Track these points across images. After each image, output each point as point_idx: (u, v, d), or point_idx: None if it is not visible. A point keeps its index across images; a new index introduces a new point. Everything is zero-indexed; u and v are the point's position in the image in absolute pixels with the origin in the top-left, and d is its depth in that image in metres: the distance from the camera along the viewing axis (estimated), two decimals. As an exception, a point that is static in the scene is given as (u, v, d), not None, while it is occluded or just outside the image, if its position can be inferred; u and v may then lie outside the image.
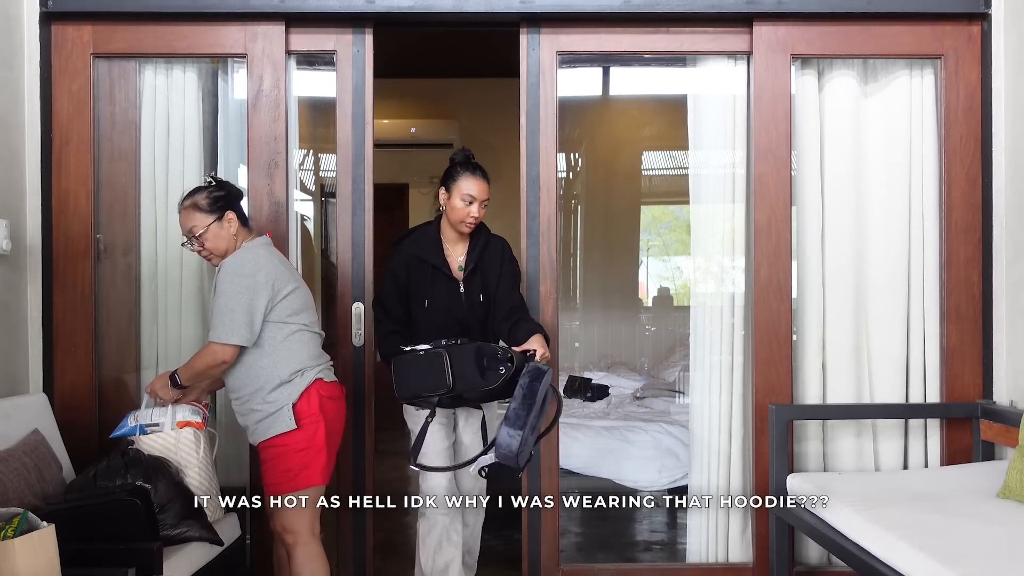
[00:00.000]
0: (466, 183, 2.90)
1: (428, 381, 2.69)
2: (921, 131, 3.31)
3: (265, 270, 2.63)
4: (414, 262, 2.96)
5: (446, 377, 2.66)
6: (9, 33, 3.05)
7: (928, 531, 2.34)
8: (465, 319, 2.94)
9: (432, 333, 2.85)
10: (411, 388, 2.72)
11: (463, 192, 2.90)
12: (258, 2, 3.17)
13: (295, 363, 2.65)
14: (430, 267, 2.96)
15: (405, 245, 3.00)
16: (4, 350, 2.97)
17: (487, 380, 2.65)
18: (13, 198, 3.05)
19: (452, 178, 2.92)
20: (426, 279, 2.95)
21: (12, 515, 2.07)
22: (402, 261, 2.97)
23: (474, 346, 2.71)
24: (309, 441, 2.63)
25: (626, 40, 3.29)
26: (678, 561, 3.68)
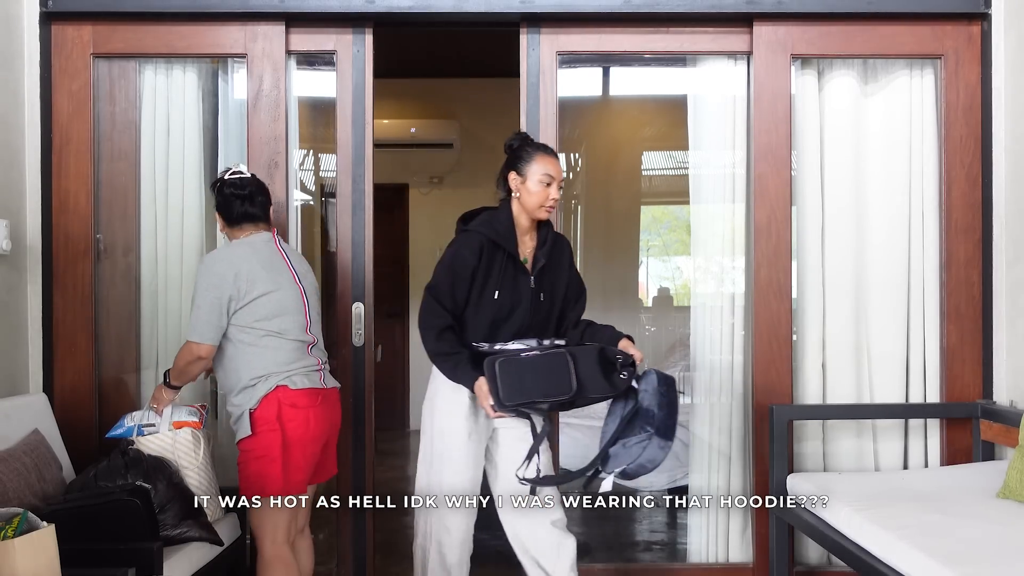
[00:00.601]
0: (543, 162, 2.63)
1: (547, 385, 2.44)
2: (921, 131, 3.31)
3: (234, 269, 2.60)
4: (489, 246, 2.61)
5: (570, 381, 2.43)
6: (9, 33, 3.05)
7: (928, 531, 2.34)
8: (529, 320, 2.65)
9: (487, 333, 2.60)
10: (524, 393, 2.44)
11: (541, 172, 2.62)
12: (258, 2, 3.17)
13: (258, 368, 2.61)
14: (506, 255, 2.63)
15: (478, 225, 2.65)
16: (4, 350, 2.97)
17: (613, 385, 2.47)
18: (13, 198, 3.05)
19: (524, 159, 2.65)
20: (498, 268, 2.62)
21: (12, 515, 2.07)
22: (475, 243, 2.60)
23: (596, 348, 2.51)
24: (265, 450, 2.58)
25: (626, 40, 3.29)
26: (678, 561, 3.68)
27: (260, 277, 2.62)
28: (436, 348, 2.59)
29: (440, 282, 2.61)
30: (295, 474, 2.61)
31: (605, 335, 2.67)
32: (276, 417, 2.58)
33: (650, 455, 2.45)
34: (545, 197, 2.63)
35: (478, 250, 2.59)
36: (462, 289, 2.59)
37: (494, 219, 2.66)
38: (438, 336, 2.58)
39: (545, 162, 2.64)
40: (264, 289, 2.62)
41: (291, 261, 2.74)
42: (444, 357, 2.59)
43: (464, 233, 2.65)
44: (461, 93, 6.74)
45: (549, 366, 2.45)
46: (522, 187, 2.64)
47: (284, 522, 2.66)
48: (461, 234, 2.67)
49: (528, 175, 2.63)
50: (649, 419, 2.49)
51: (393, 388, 7.01)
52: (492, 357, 2.48)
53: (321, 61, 3.36)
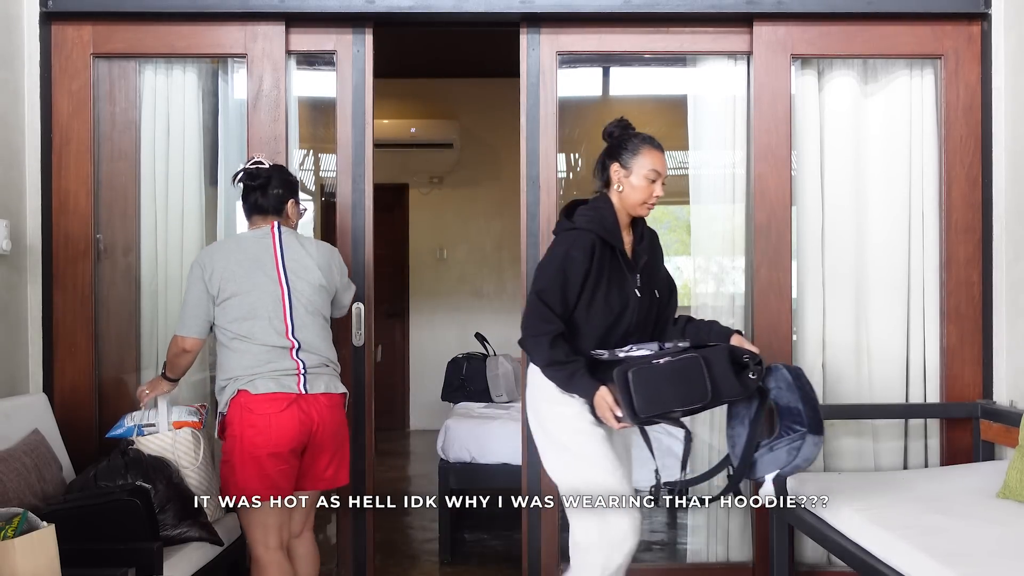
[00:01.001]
0: (651, 157, 2.49)
1: (684, 393, 2.30)
2: (921, 131, 3.31)
3: (210, 267, 2.59)
4: (600, 245, 2.44)
5: (706, 387, 2.29)
6: (9, 33, 3.05)
7: (928, 531, 2.34)
8: (635, 321, 2.50)
9: (600, 338, 2.45)
10: (661, 403, 2.29)
11: (648, 167, 2.48)
12: (258, 2, 3.17)
13: (227, 370, 2.59)
14: (616, 253, 2.48)
15: (586, 222, 2.46)
16: (4, 350, 2.97)
17: (744, 386, 2.34)
18: (13, 198, 3.05)
19: (630, 151, 2.51)
20: (608, 268, 2.46)
21: (12, 515, 2.07)
22: (587, 242, 2.43)
23: (724, 348, 2.37)
24: (228, 454, 2.57)
25: (626, 40, 3.29)
26: (678, 561, 3.68)
27: (234, 277, 2.57)
28: (550, 357, 2.40)
29: (549, 285, 2.42)
30: (250, 481, 2.52)
31: (713, 331, 2.54)
32: (237, 421, 2.54)
33: (806, 454, 2.35)
34: (649, 194, 2.50)
35: (590, 250, 2.43)
36: (573, 292, 2.43)
37: (600, 214, 2.48)
38: (552, 344, 2.39)
39: (652, 156, 2.50)
40: (235, 290, 2.57)
41: (285, 258, 2.61)
42: (559, 366, 2.40)
43: (573, 232, 2.46)
44: (461, 93, 6.74)
45: (685, 372, 2.29)
46: (625, 181, 2.50)
47: (272, 526, 2.61)
48: (569, 233, 2.47)
49: (633, 169, 2.50)
50: (795, 417, 2.38)
51: (393, 388, 7.01)
52: (623, 366, 2.29)
53: (321, 61, 3.36)
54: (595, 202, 2.54)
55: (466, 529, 4.28)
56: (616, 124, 2.61)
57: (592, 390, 2.37)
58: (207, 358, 3.37)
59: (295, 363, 2.57)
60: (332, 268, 2.71)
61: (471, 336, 5.22)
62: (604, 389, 2.35)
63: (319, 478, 2.66)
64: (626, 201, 2.51)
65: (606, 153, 2.57)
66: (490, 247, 7.02)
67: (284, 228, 2.67)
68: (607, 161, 2.55)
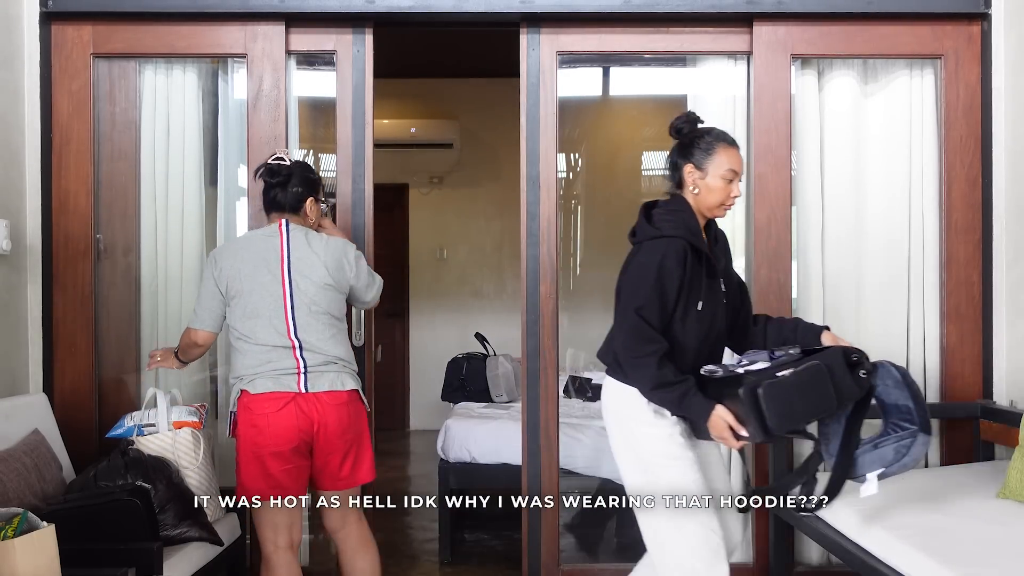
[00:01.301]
0: (727, 155, 2.36)
1: (814, 404, 2.18)
2: (921, 131, 3.31)
3: (219, 264, 2.63)
4: (690, 252, 2.31)
5: (832, 395, 2.18)
6: (9, 33, 3.05)
7: (928, 531, 2.33)
8: (721, 330, 2.40)
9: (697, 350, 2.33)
10: (794, 418, 2.17)
11: (725, 167, 2.35)
12: (258, 2, 3.17)
13: (234, 370, 2.63)
14: (704, 259, 2.35)
15: (672, 228, 2.32)
16: (4, 350, 2.97)
17: (860, 387, 2.24)
18: (13, 198, 3.05)
19: (705, 150, 2.37)
20: (697, 275, 2.32)
21: (12, 515, 2.07)
22: (679, 249, 2.28)
23: (838, 350, 2.24)
24: (236, 453, 2.61)
25: (626, 40, 3.29)
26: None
27: (239, 275, 2.59)
28: (660, 378, 2.23)
29: (647, 301, 2.25)
30: (255, 480, 2.55)
31: (801, 330, 2.45)
32: (240, 420, 2.58)
33: (915, 454, 2.27)
34: (727, 195, 2.37)
35: (683, 257, 2.28)
36: (670, 305, 2.28)
37: (682, 218, 2.35)
38: (660, 363, 2.23)
39: (729, 155, 2.37)
40: (239, 289, 2.58)
41: (291, 257, 2.59)
42: (669, 388, 2.24)
43: (661, 239, 2.30)
44: (461, 93, 6.74)
45: (812, 382, 2.16)
46: (701, 183, 2.37)
47: (282, 525, 2.61)
48: (657, 241, 2.30)
49: (709, 170, 2.36)
50: (904, 415, 2.30)
51: (393, 388, 7.01)
52: (750, 383, 2.13)
53: (321, 61, 3.36)
54: (673, 204, 2.40)
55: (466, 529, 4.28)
56: (684, 119, 2.44)
57: (707, 410, 2.21)
58: (207, 358, 3.37)
59: (296, 362, 2.56)
60: (343, 266, 2.66)
61: (471, 336, 5.22)
62: (722, 408, 2.20)
63: (335, 477, 2.64)
64: (702, 203, 2.38)
65: (677, 152, 2.42)
66: (490, 247, 7.02)
67: (293, 226, 2.65)
68: (679, 161, 2.41)
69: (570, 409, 4.44)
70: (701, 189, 2.37)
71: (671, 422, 2.32)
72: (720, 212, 2.40)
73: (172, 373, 3.30)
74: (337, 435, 2.59)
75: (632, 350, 2.27)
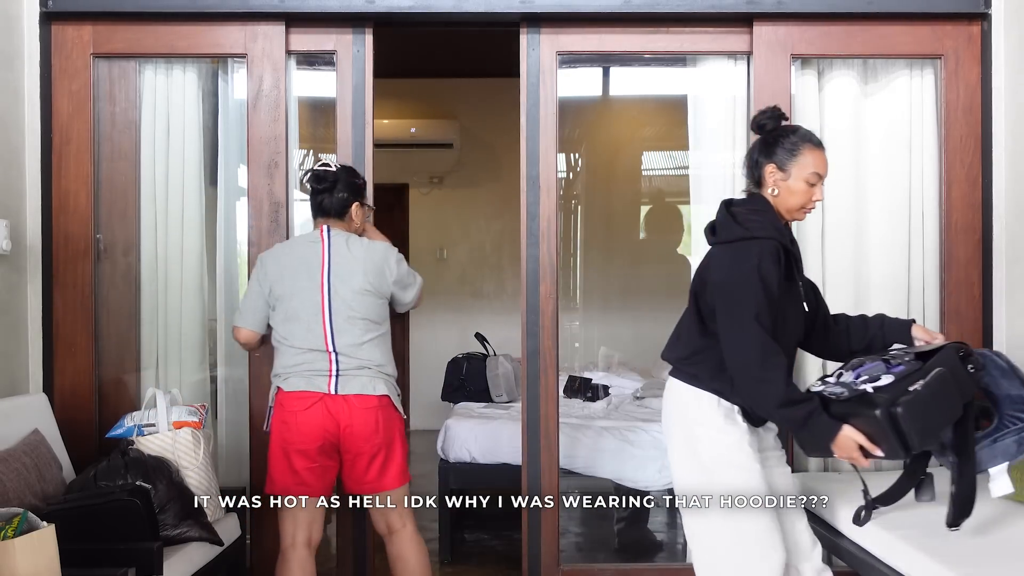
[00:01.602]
0: (812, 157, 2.25)
1: (947, 413, 2.10)
2: (921, 131, 3.31)
3: (265, 267, 2.72)
4: (783, 253, 2.21)
5: (958, 400, 2.10)
6: (9, 33, 3.05)
7: (928, 531, 2.33)
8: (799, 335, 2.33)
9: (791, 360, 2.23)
10: (933, 432, 2.10)
11: (809, 171, 2.24)
12: (258, 2, 3.17)
13: (273, 369, 2.74)
14: (793, 261, 2.27)
15: (763, 228, 2.20)
16: (4, 350, 2.97)
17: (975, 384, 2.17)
18: (13, 198, 3.05)
19: (789, 151, 2.26)
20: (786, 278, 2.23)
21: (12, 515, 2.07)
22: (774, 251, 2.18)
23: (952, 348, 2.16)
24: (269, 447, 2.68)
25: (626, 40, 3.28)
26: (678, 561, 3.68)
27: (282, 279, 2.68)
28: (787, 395, 2.10)
29: (760, 306, 2.11)
30: (281, 475, 2.63)
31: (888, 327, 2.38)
32: (275, 417, 2.67)
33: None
34: (809, 198, 2.27)
35: (777, 259, 2.17)
36: (774, 311, 2.15)
37: (769, 218, 2.25)
38: (788, 379, 2.11)
39: (814, 157, 2.26)
40: (281, 293, 2.68)
41: (331, 263, 2.65)
42: (795, 406, 2.10)
43: (753, 241, 2.18)
44: (461, 93, 6.74)
45: (941, 391, 2.06)
46: (782, 184, 2.27)
47: (302, 521, 2.66)
48: (750, 243, 2.18)
49: (791, 172, 2.26)
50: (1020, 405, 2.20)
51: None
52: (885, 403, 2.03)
53: (321, 61, 3.36)
54: (756, 204, 2.29)
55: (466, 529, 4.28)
56: (769, 115, 2.33)
57: (835, 431, 2.09)
58: (207, 358, 3.38)
59: (329, 365, 2.63)
60: (382, 271, 2.71)
61: (471, 336, 5.22)
62: (850, 428, 2.08)
63: (360, 481, 2.69)
64: (781, 205, 2.29)
65: (759, 151, 2.32)
66: (490, 247, 7.02)
67: (335, 232, 2.71)
68: (760, 159, 2.30)
69: (570, 409, 4.45)
70: (781, 191, 2.27)
71: (742, 430, 2.25)
72: (800, 216, 2.32)
73: (172, 373, 3.31)
74: (363, 438, 2.63)
75: (758, 364, 2.11)
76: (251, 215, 3.22)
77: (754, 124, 2.36)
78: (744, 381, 2.16)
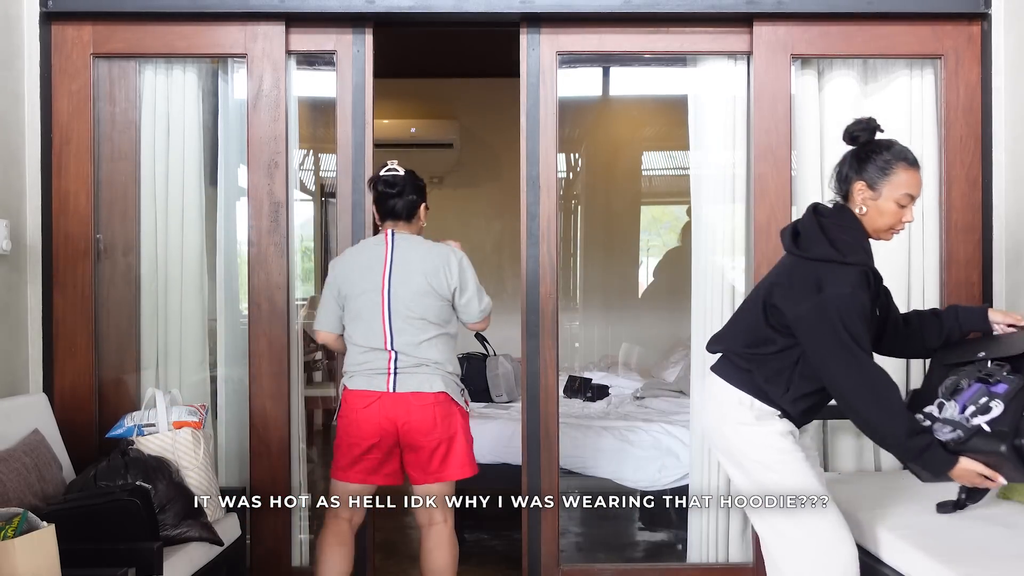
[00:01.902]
0: (908, 179, 2.16)
1: None
2: (921, 131, 3.31)
3: (335, 270, 2.84)
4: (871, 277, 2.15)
5: None
6: (9, 33, 3.05)
7: (928, 531, 2.34)
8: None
9: None
10: None
11: (903, 192, 2.15)
12: (258, 2, 3.17)
13: (343, 365, 2.85)
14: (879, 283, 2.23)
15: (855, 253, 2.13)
16: (4, 350, 2.97)
17: None
18: (13, 198, 3.05)
19: (882, 169, 2.17)
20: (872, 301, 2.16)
21: (12, 515, 2.07)
22: (866, 280, 2.12)
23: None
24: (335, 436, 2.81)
25: (626, 40, 3.29)
26: (678, 561, 3.68)
27: (348, 281, 2.78)
28: (910, 426, 2.06)
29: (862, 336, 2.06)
30: (341, 461, 2.77)
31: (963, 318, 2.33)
32: (340, 412, 2.79)
33: None
34: (898, 219, 2.18)
35: (868, 286, 2.12)
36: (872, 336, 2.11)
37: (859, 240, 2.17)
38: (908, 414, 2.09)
39: (909, 178, 2.16)
40: (348, 293, 2.78)
41: (393, 265, 2.74)
42: (916, 437, 2.07)
43: (848, 268, 2.10)
44: (461, 93, 6.74)
45: None
46: (871, 204, 2.18)
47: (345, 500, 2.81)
48: (844, 268, 2.10)
49: (883, 192, 2.17)
50: None
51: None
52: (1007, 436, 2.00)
53: (321, 61, 3.36)
54: (846, 220, 2.20)
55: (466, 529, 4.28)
56: (863, 127, 2.24)
57: (951, 464, 2.07)
58: (207, 358, 3.38)
59: (388, 363, 2.72)
60: (440, 272, 2.77)
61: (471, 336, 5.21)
62: (967, 460, 2.07)
63: (424, 471, 2.78)
64: (869, 225, 2.20)
65: (850, 165, 2.23)
66: (490, 247, 7.01)
67: (400, 235, 2.81)
68: (850, 174, 2.22)
69: (570, 409, 4.44)
70: (870, 210, 2.19)
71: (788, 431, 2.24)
72: (887, 236, 2.23)
73: (172, 373, 3.31)
74: (422, 434, 2.72)
75: (877, 397, 2.06)
76: (251, 215, 3.22)
77: (847, 135, 2.26)
78: (864, 414, 2.11)
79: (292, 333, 3.25)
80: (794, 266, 2.21)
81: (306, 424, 3.38)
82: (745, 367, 2.26)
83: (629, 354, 5.79)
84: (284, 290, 3.23)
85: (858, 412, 2.12)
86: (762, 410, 2.24)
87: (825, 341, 2.10)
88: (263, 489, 3.12)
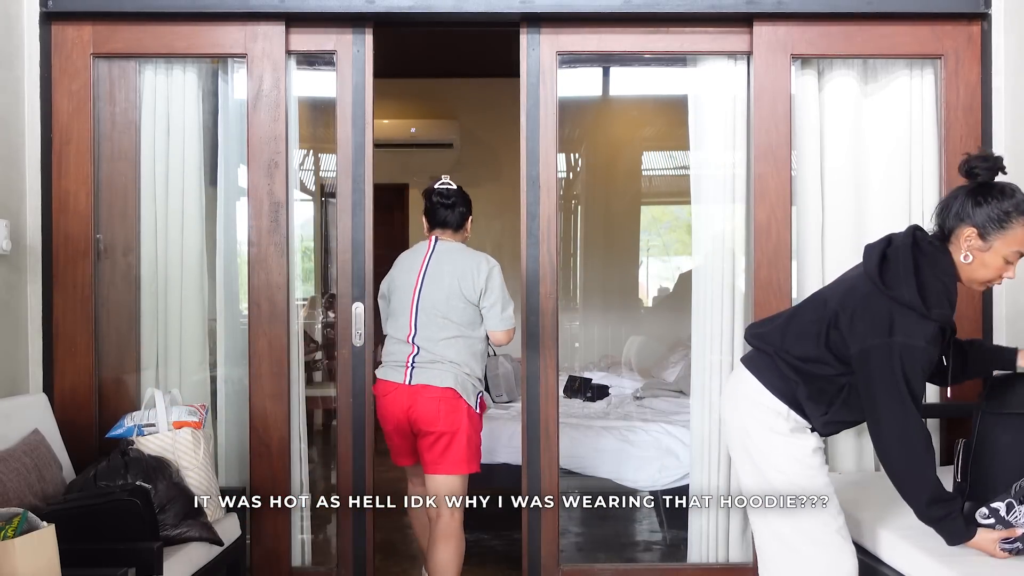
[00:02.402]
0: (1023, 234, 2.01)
1: None
2: (921, 131, 3.31)
3: (391, 271, 3.10)
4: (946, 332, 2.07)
5: None
6: (9, 33, 3.05)
7: (928, 531, 2.33)
8: None
9: None
10: None
11: (1015, 248, 2.02)
12: (258, 2, 3.17)
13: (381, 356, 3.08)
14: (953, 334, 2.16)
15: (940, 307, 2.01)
16: (4, 350, 2.97)
17: None
18: (13, 198, 3.05)
19: (999, 221, 2.01)
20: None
21: (12, 515, 2.07)
22: (938, 336, 2.02)
23: None
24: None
25: (626, 40, 3.29)
26: (678, 561, 3.68)
27: (393, 282, 3.05)
28: (934, 494, 2.04)
29: (920, 393, 1.99)
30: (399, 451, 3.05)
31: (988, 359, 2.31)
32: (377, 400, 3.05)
33: None
34: (999, 275, 2.06)
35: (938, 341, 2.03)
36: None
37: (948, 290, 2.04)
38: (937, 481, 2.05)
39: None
40: (390, 290, 3.06)
41: (428, 268, 2.97)
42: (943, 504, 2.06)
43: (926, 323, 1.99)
44: (461, 93, 6.74)
45: None
46: (977, 254, 2.04)
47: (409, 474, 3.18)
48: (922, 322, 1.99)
49: (995, 245, 2.02)
50: None
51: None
52: None
53: (321, 61, 3.36)
54: (940, 265, 2.06)
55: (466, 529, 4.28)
56: (987, 164, 2.05)
57: (970, 535, 2.08)
58: (207, 358, 3.38)
59: (408, 356, 2.93)
60: (467, 277, 2.95)
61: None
62: (985, 531, 2.09)
63: (424, 461, 2.96)
64: (966, 273, 2.08)
65: (962, 202, 2.06)
66: (490, 247, 6.99)
67: (442, 242, 3.05)
68: (961, 214, 2.06)
69: (570, 409, 4.45)
70: (975, 261, 2.05)
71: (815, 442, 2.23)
72: (979, 288, 2.13)
73: (172, 373, 3.31)
74: (426, 422, 2.90)
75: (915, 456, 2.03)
76: (251, 215, 3.22)
77: (964, 167, 2.09)
78: (896, 466, 2.09)
79: (292, 333, 3.25)
80: (871, 296, 2.09)
81: (306, 424, 3.37)
82: (792, 377, 2.19)
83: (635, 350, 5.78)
84: (284, 290, 3.23)
85: (890, 462, 2.09)
86: (797, 423, 2.21)
87: (883, 386, 2.03)
88: (263, 489, 3.12)
